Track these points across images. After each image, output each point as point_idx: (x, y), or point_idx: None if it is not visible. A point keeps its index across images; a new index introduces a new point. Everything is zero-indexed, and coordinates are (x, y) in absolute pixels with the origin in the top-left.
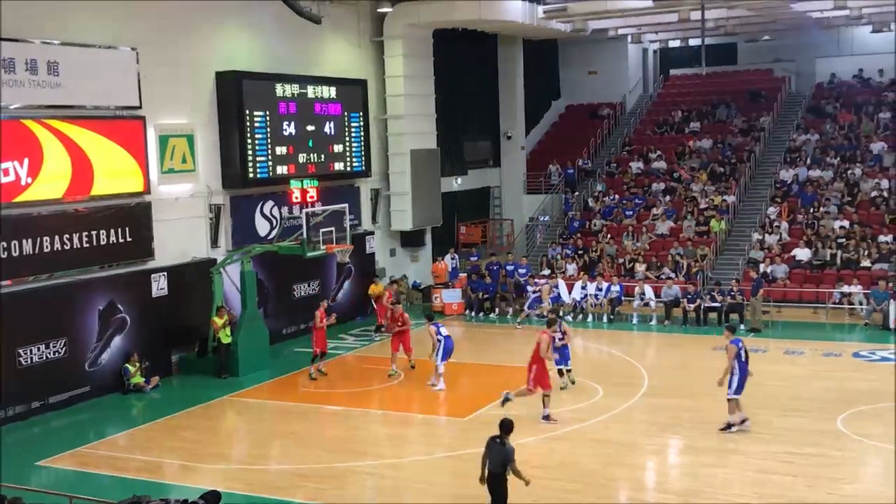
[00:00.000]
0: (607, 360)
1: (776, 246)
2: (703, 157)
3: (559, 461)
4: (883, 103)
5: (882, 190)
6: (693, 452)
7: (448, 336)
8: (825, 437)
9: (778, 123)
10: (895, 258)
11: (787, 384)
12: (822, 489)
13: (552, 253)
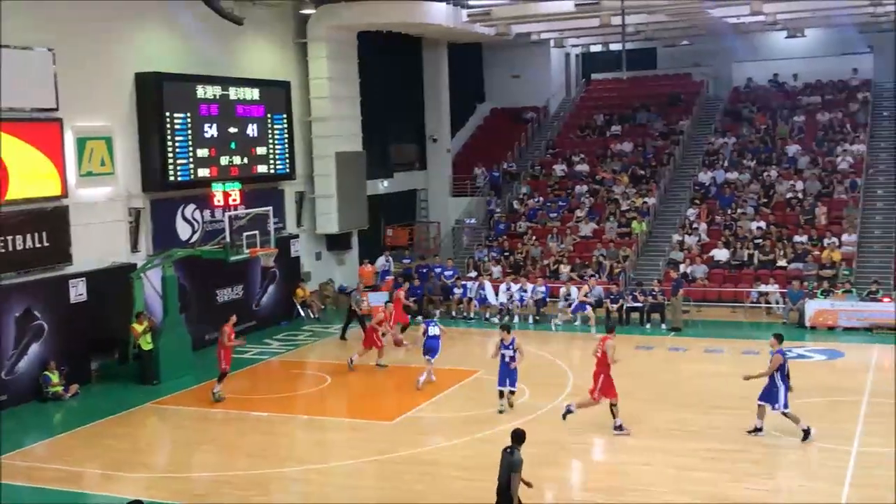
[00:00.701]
0: (533, 360)
1: (695, 247)
2: (625, 160)
3: (486, 463)
4: (797, 107)
5: (797, 191)
6: (619, 451)
7: (433, 336)
8: (745, 433)
9: (696, 127)
10: (810, 258)
11: (708, 382)
12: (744, 485)
13: (478, 255)
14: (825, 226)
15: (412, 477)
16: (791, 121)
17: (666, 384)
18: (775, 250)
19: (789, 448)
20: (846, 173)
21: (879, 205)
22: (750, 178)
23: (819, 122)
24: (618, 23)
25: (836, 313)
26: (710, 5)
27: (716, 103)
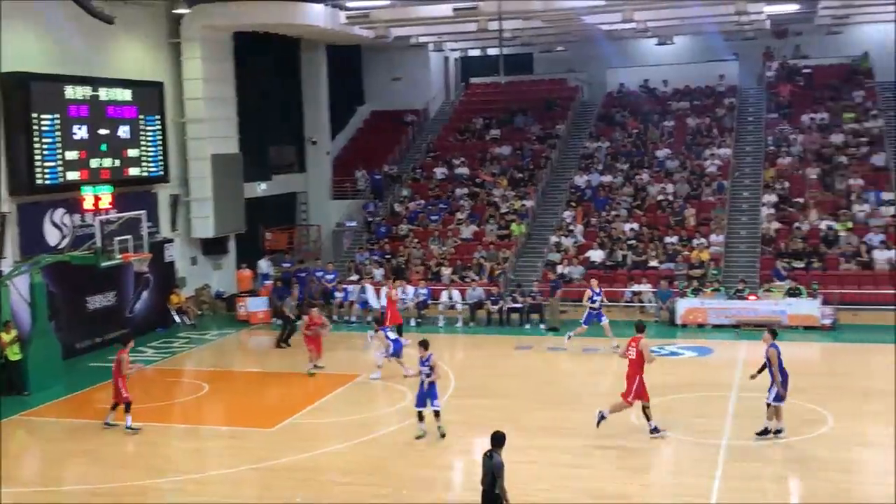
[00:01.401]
0: (415, 362)
1: (572, 248)
2: (504, 163)
3: (369, 466)
4: (667, 112)
5: (667, 194)
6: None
7: (396, 339)
8: (620, 429)
9: (572, 131)
10: (680, 258)
11: (585, 380)
12: (620, 480)
13: (360, 258)
14: (694, 227)
15: (293, 484)
16: (661, 125)
17: (545, 383)
18: (648, 251)
19: (663, 444)
20: (714, 176)
21: (745, 206)
22: (623, 181)
23: (688, 126)
24: (495, 28)
25: (705, 311)
26: (584, 12)
27: (590, 108)
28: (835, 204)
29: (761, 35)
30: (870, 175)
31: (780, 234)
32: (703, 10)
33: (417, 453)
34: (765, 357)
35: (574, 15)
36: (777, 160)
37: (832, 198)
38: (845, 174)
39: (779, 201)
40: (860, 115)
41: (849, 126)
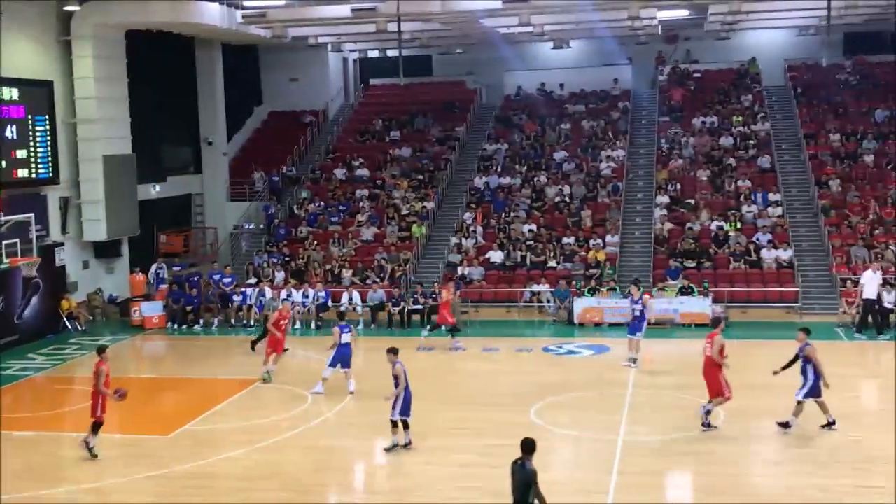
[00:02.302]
0: (316, 366)
1: (472, 249)
2: (404, 165)
3: (268, 471)
4: (564, 115)
5: (565, 195)
6: (401, 452)
7: (347, 344)
8: (520, 428)
9: (471, 133)
10: (577, 258)
11: (485, 380)
12: None
13: (258, 261)
14: (590, 228)
15: (191, 491)
16: (558, 128)
17: (446, 384)
18: (546, 251)
19: (562, 441)
20: (609, 178)
21: (639, 207)
22: (522, 182)
23: (584, 129)
24: (394, 29)
25: (601, 310)
26: (482, 15)
27: (489, 110)
28: (724, 205)
29: (653, 40)
30: (757, 177)
31: (673, 235)
32: (598, 15)
33: (318, 457)
34: (799, 355)
35: (472, 18)
36: (669, 162)
37: (722, 199)
38: (734, 176)
39: (671, 202)
40: (748, 118)
41: (737, 129)
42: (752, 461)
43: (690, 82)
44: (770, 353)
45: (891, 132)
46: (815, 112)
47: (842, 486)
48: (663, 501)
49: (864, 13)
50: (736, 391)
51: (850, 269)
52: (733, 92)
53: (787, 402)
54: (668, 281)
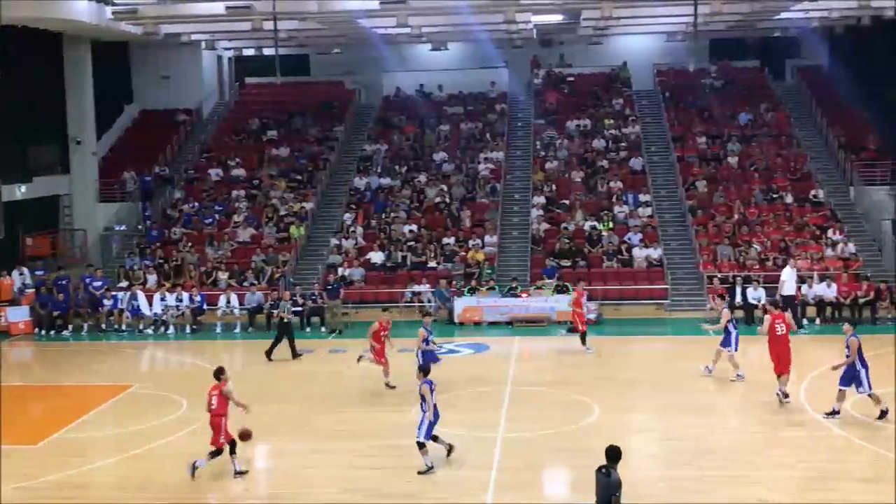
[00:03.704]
0: (191, 371)
1: (353, 250)
2: (282, 165)
3: (143, 480)
4: (443, 116)
5: (444, 196)
6: (283, 456)
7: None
8: (404, 428)
9: (351, 133)
10: (457, 258)
11: (367, 381)
12: (404, 478)
13: (130, 263)
14: (470, 228)
15: (61, 503)
16: (437, 129)
17: (327, 386)
18: (426, 252)
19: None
20: (487, 179)
21: (516, 208)
22: (402, 183)
23: (462, 130)
24: (270, 27)
25: (481, 309)
26: (360, 16)
27: (368, 111)
28: (597, 205)
29: (529, 44)
30: (628, 178)
31: (549, 235)
32: (475, 18)
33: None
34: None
35: (349, 18)
36: (545, 164)
37: (595, 199)
38: (606, 177)
39: (547, 203)
40: (619, 121)
41: (609, 132)
42: (628, 454)
43: (564, 86)
44: (642, 348)
45: (754, 135)
46: (683, 115)
47: (713, 477)
48: (542, 496)
49: (728, 20)
50: (610, 386)
51: (716, 266)
52: (605, 96)
53: (658, 397)
54: (544, 280)
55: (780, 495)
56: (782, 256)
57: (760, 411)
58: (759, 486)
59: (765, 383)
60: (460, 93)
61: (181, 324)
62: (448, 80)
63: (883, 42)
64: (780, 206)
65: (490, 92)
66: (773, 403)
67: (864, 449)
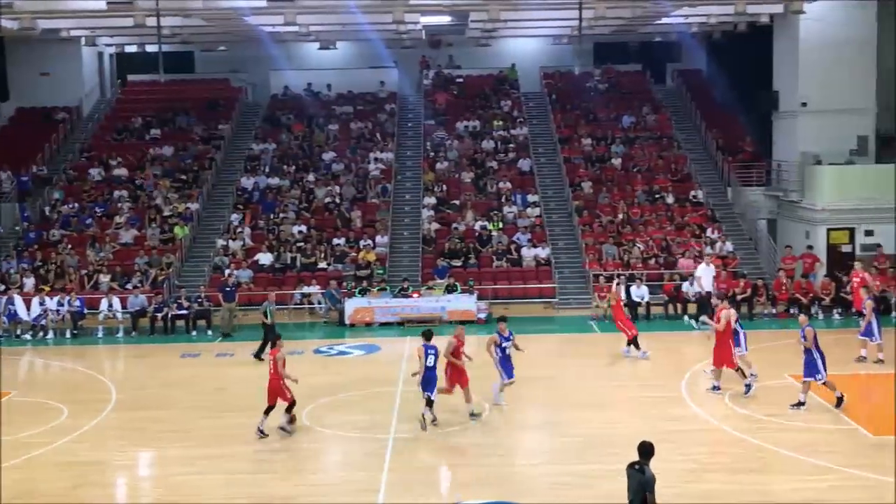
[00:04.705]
0: (71, 377)
1: (240, 251)
2: (166, 165)
3: (21, 491)
4: (332, 116)
5: (334, 196)
6: (166, 463)
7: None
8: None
9: (237, 132)
10: (348, 259)
11: (254, 385)
12: (291, 482)
13: (6, 267)
14: (360, 228)
15: None
16: (326, 129)
17: (214, 390)
18: (316, 253)
19: (334, 442)
20: (378, 179)
21: (407, 208)
22: (290, 183)
23: (352, 130)
24: (153, 24)
25: (372, 310)
26: (246, 13)
27: (255, 109)
28: (487, 205)
29: (418, 44)
30: (517, 179)
31: (440, 235)
32: (364, 17)
33: (76, 472)
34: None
35: (236, 15)
36: (435, 164)
37: (485, 200)
38: (496, 178)
39: (438, 203)
40: (508, 122)
41: (498, 133)
42: (516, 451)
43: (454, 87)
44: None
45: (636, 137)
46: (569, 117)
47: (596, 471)
48: (434, 496)
49: (612, 25)
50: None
51: (601, 265)
52: (494, 97)
53: (548, 394)
54: (435, 280)
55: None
56: (664, 255)
57: (646, 406)
58: None
59: (653, 378)
60: (349, 92)
61: (61, 328)
62: (337, 80)
63: (757, 47)
64: (662, 207)
65: (380, 92)
66: (657, 398)
67: (743, 441)
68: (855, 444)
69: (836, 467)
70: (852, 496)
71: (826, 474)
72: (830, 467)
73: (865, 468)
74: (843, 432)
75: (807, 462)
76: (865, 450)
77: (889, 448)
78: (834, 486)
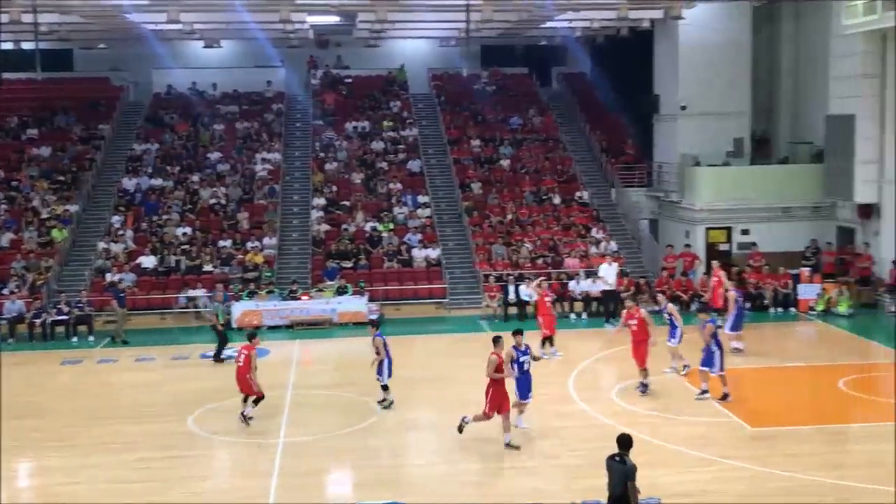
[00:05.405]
0: None
1: (122, 254)
2: (43, 165)
3: None
4: (217, 115)
5: (220, 197)
6: (47, 473)
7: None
8: (178, 438)
9: (119, 132)
10: (235, 262)
11: (139, 391)
12: (177, 490)
13: None
14: (248, 230)
15: None
16: (212, 129)
17: (97, 398)
18: (202, 255)
19: (222, 447)
20: (265, 180)
21: (296, 209)
22: (174, 184)
23: (238, 130)
24: (29, 20)
25: (260, 313)
26: (128, 10)
27: (137, 109)
28: (377, 206)
29: (306, 44)
30: (407, 179)
31: (330, 236)
32: (249, 16)
33: None
34: (702, 330)
35: (117, 12)
36: (325, 165)
37: (375, 201)
38: (386, 179)
39: (327, 204)
40: (397, 123)
41: (388, 134)
42: (408, 452)
43: (342, 87)
44: (423, 346)
45: (524, 139)
46: (458, 119)
47: (489, 469)
48: (324, 499)
49: (498, 28)
50: (393, 385)
51: (491, 265)
52: (383, 98)
53: (439, 394)
54: (325, 281)
55: (553, 484)
56: (551, 255)
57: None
58: (534, 476)
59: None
60: (235, 91)
61: None
62: (222, 79)
63: (639, 52)
64: (549, 207)
65: (266, 91)
66: (546, 396)
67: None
68: (735, 437)
69: (718, 459)
70: (734, 487)
71: (709, 466)
72: (713, 459)
73: (745, 459)
74: (724, 425)
75: (690, 455)
76: (745, 442)
77: (767, 439)
78: (717, 478)
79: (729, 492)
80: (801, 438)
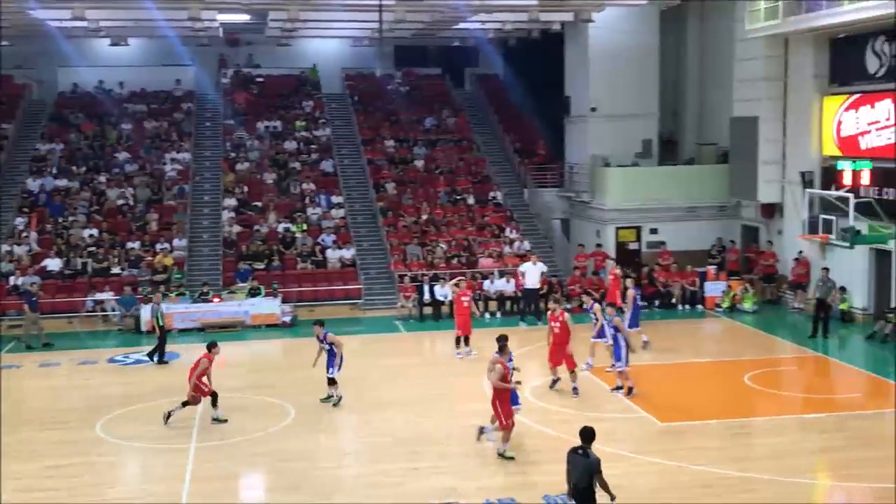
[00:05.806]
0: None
1: (26, 257)
2: None
3: None
4: (125, 114)
5: (128, 198)
6: None
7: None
8: (86, 444)
9: (22, 131)
10: (144, 264)
11: (45, 398)
12: (86, 497)
13: None
14: (157, 231)
15: None
16: (119, 128)
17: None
18: (109, 257)
19: (132, 454)
20: (175, 181)
21: (206, 210)
22: (80, 185)
23: (146, 130)
24: None
25: (170, 316)
26: (31, 6)
27: (41, 107)
28: (291, 207)
29: (216, 42)
30: (321, 180)
31: (242, 237)
32: (157, 13)
33: None
34: (612, 326)
35: (19, 8)
36: (236, 165)
37: (288, 201)
38: (299, 179)
39: (239, 205)
40: (310, 123)
41: (300, 134)
42: (322, 454)
43: (254, 86)
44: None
45: (438, 139)
46: (371, 119)
47: (403, 470)
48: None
49: (412, 28)
50: (307, 388)
51: (406, 265)
52: (295, 98)
53: (354, 395)
54: (237, 283)
55: (467, 483)
56: (466, 254)
57: (448, 403)
58: (448, 475)
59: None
60: (143, 90)
61: None
62: (130, 77)
63: (549, 54)
64: (464, 207)
65: (176, 90)
66: (459, 395)
67: (542, 433)
68: (645, 432)
69: (629, 454)
70: (645, 481)
71: (620, 461)
72: (624, 454)
73: (655, 454)
74: (634, 420)
75: (602, 450)
76: (655, 436)
77: (676, 434)
78: (628, 472)
79: (641, 486)
80: (708, 432)
